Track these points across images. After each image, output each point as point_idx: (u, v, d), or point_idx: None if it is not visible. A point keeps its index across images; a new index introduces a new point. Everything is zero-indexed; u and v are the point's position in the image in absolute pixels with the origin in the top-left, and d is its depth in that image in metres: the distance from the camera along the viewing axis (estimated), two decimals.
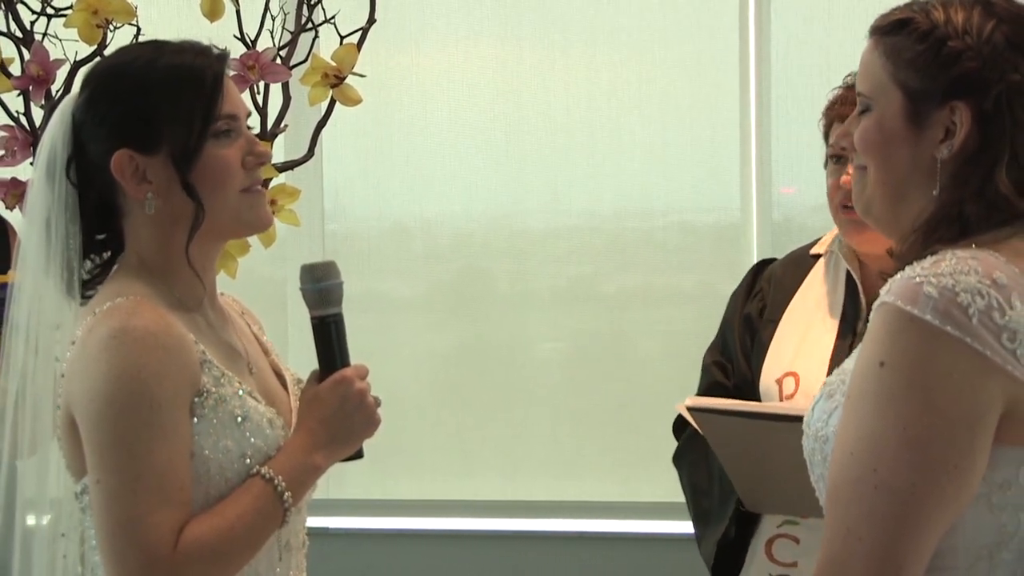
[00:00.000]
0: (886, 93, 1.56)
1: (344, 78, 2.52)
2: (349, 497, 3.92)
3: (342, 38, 2.54)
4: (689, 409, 2.38)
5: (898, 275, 1.47)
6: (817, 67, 2.47)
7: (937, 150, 1.53)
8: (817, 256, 2.57)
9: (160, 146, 1.75)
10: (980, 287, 1.42)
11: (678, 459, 2.61)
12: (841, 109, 2.43)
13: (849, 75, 2.46)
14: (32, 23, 2.54)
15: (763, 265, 2.66)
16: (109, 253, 1.82)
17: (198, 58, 1.78)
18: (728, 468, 2.40)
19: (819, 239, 2.60)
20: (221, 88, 1.78)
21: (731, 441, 2.36)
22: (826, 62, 2.44)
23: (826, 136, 2.51)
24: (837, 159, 2.44)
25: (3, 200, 2.53)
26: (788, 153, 3.71)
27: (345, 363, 1.82)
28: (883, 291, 1.47)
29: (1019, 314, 1.43)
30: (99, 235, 1.82)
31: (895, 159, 1.56)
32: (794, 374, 2.46)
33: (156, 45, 1.81)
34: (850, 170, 2.38)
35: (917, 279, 1.44)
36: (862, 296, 2.46)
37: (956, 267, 1.44)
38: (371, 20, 2.58)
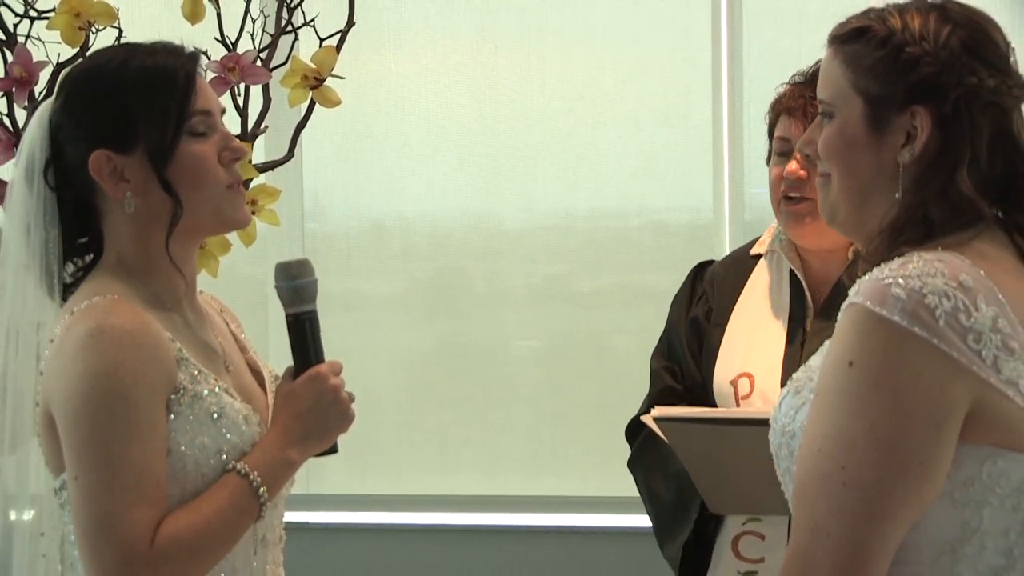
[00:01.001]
0: (847, 100, 1.56)
1: (323, 80, 2.51)
2: (329, 492, 3.92)
3: (321, 41, 2.54)
4: (656, 419, 2.38)
5: (866, 276, 1.47)
6: (788, 71, 2.47)
7: (899, 154, 1.54)
8: (758, 256, 2.56)
9: (136, 145, 1.75)
10: (947, 289, 1.43)
11: (632, 465, 2.60)
12: (788, 102, 2.43)
13: (797, 73, 2.46)
14: (15, 25, 2.52)
15: (702, 268, 2.65)
16: (91, 256, 1.82)
17: (170, 58, 1.78)
18: (693, 474, 2.40)
19: (757, 239, 2.60)
20: (193, 86, 1.78)
21: (696, 448, 2.36)
22: (797, 66, 2.43)
23: (771, 131, 2.51)
24: (781, 154, 2.44)
25: None
26: (759, 155, 3.69)
27: (320, 359, 1.82)
28: (852, 292, 1.48)
29: (984, 316, 1.43)
30: (80, 238, 1.82)
31: (858, 165, 1.56)
32: (748, 375, 2.46)
33: (128, 47, 1.82)
34: (793, 164, 2.41)
35: (886, 280, 1.44)
36: (807, 293, 2.47)
37: (923, 269, 1.44)
38: (350, 23, 2.58)
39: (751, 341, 2.48)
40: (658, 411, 2.39)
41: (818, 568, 1.43)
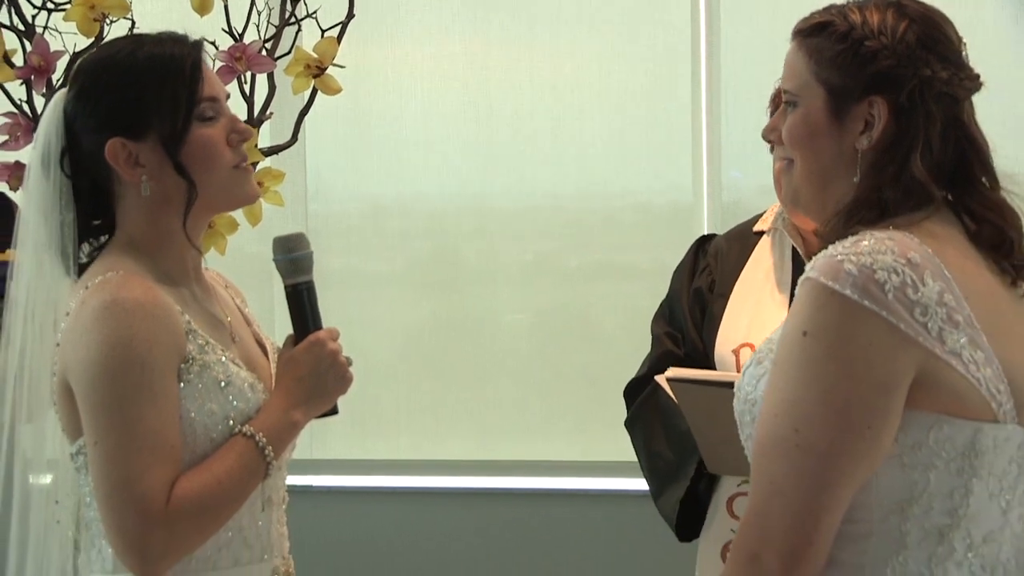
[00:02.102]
0: (810, 90, 1.57)
1: (325, 69, 2.52)
2: (331, 457, 3.91)
3: (323, 32, 2.55)
4: (669, 380, 2.39)
5: (821, 253, 1.49)
6: (762, 62, 2.49)
7: (858, 141, 1.55)
8: (760, 233, 2.57)
9: (149, 131, 1.76)
10: (896, 265, 1.44)
11: (631, 424, 2.61)
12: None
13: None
14: (33, 17, 2.53)
15: (704, 241, 2.66)
16: (106, 237, 1.83)
17: (176, 47, 1.78)
18: (697, 434, 2.38)
19: (760, 215, 2.61)
20: (200, 74, 1.78)
21: (703, 409, 2.35)
22: (770, 58, 2.46)
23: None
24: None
25: (8, 182, 2.54)
26: (736, 140, 3.71)
27: (318, 326, 1.83)
28: (807, 268, 1.49)
29: (930, 290, 1.44)
30: (95, 220, 1.83)
31: (820, 150, 1.57)
32: (750, 345, 2.46)
33: (135, 38, 1.82)
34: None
35: (838, 257, 1.45)
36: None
37: (874, 247, 1.45)
38: (350, 15, 2.58)
39: (754, 313, 2.48)
40: (672, 372, 2.38)
41: (774, 524, 1.44)
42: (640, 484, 2.65)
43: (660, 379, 2.42)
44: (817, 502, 1.44)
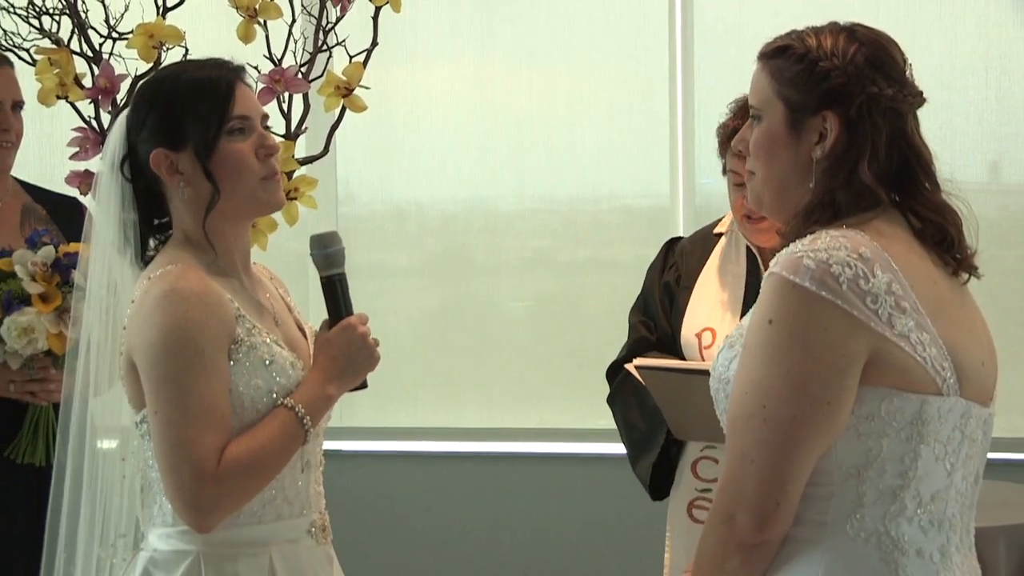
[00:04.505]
0: (772, 105, 1.56)
1: (353, 90, 2.52)
2: (357, 425, 3.92)
3: (351, 57, 2.55)
4: (637, 367, 2.41)
5: (783, 251, 1.48)
6: (729, 85, 2.48)
7: (813, 150, 1.53)
8: (720, 234, 2.59)
9: (186, 143, 1.75)
10: (849, 260, 1.43)
11: (612, 399, 2.62)
12: (733, 122, 2.46)
13: (732, 102, 2.48)
14: (100, 45, 2.53)
15: (672, 243, 2.68)
16: (170, 233, 1.82)
17: (215, 70, 1.77)
18: (663, 409, 2.42)
19: (720, 219, 2.62)
20: (233, 94, 1.76)
21: (667, 389, 2.39)
22: (738, 80, 2.45)
23: (722, 148, 2.54)
24: (738, 185, 2.46)
25: (79, 188, 2.54)
26: (707, 151, 3.68)
27: (349, 312, 1.82)
28: (772, 263, 1.48)
29: (880, 281, 1.44)
30: (157, 219, 1.82)
31: (780, 159, 1.56)
32: (711, 329, 2.48)
33: (185, 63, 1.82)
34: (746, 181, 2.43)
35: (798, 254, 1.44)
36: (760, 264, 2.49)
37: (830, 244, 1.44)
38: (374, 43, 2.58)
39: (713, 302, 2.50)
40: (639, 361, 2.42)
41: (746, 488, 1.44)
42: (621, 449, 2.65)
43: (629, 367, 2.45)
44: (783, 468, 1.43)
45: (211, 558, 1.74)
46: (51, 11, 2.52)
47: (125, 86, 2.48)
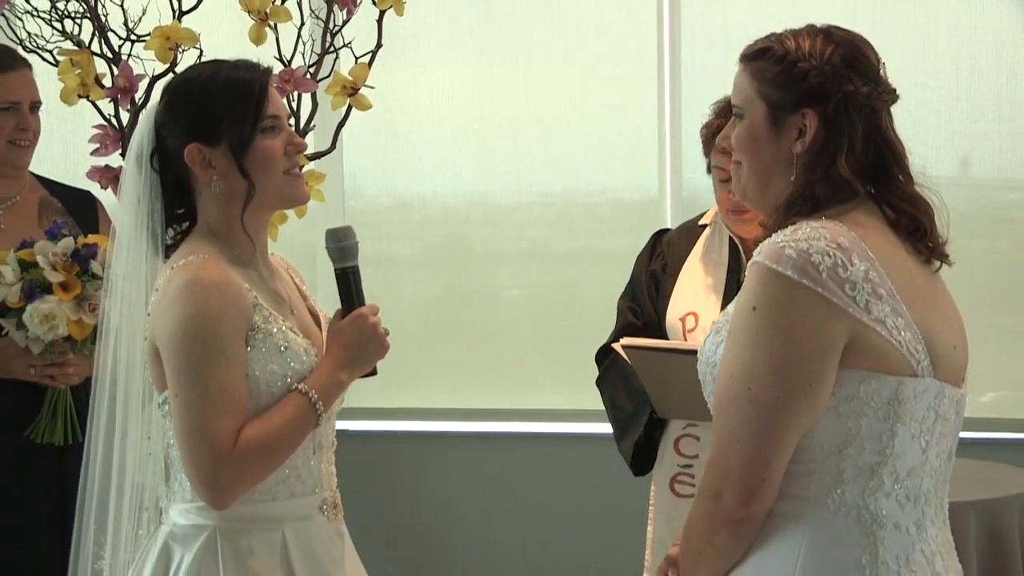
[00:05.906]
0: (753, 104, 1.56)
1: (358, 89, 2.52)
2: (365, 406, 3.92)
3: (356, 58, 2.55)
4: (624, 347, 2.42)
5: (766, 241, 1.48)
6: (714, 84, 2.48)
7: (793, 146, 1.54)
8: (705, 225, 2.60)
9: (221, 140, 1.75)
10: (828, 249, 1.43)
11: (600, 382, 2.63)
12: (716, 120, 2.47)
13: (715, 103, 2.49)
14: (119, 47, 2.53)
15: (660, 234, 2.68)
16: (188, 224, 1.82)
17: (248, 72, 1.77)
18: (647, 388, 2.43)
19: (704, 212, 2.63)
20: (266, 95, 1.77)
21: (652, 369, 2.40)
22: (722, 80, 2.45)
23: (706, 146, 2.55)
24: (723, 181, 2.47)
25: (100, 182, 2.54)
26: (694, 148, 3.66)
27: (361, 303, 1.82)
28: (755, 253, 1.48)
29: (858, 269, 1.44)
30: (178, 210, 1.82)
31: (762, 154, 1.56)
32: (694, 314, 2.49)
33: (217, 63, 1.81)
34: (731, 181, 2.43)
35: (780, 244, 1.45)
36: (743, 254, 2.50)
37: (810, 234, 1.45)
38: (378, 45, 2.58)
39: (697, 288, 2.51)
40: (626, 341, 2.42)
41: (732, 466, 1.45)
42: (609, 428, 2.66)
43: (617, 346, 2.45)
44: (767, 447, 1.44)
45: (227, 533, 1.74)
46: (73, 15, 2.52)
47: (143, 86, 2.48)
